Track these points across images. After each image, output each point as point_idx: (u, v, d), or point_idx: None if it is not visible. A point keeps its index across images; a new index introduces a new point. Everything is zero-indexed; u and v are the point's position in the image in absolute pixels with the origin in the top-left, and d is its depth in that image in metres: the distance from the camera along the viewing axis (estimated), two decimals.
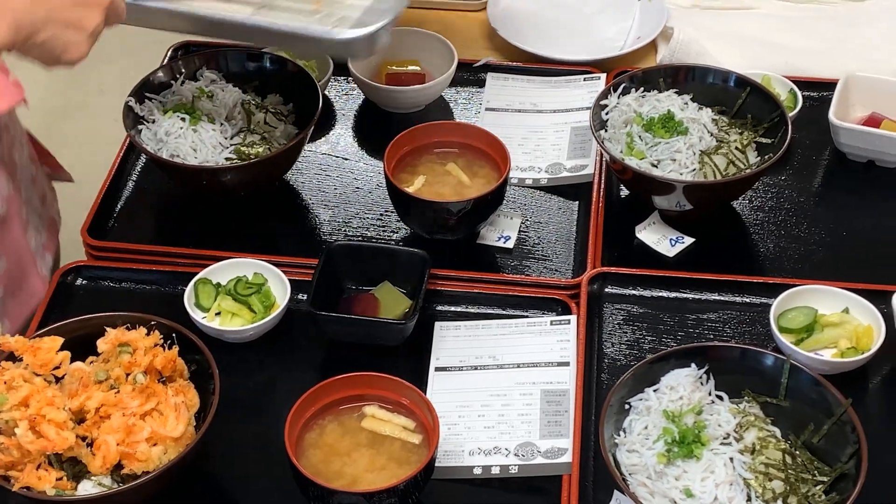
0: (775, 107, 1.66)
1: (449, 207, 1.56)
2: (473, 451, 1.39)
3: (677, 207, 1.62)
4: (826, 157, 1.78)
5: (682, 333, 1.51)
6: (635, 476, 1.26)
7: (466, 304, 1.56)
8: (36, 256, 1.64)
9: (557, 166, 1.75)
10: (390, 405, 1.35)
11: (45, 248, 1.67)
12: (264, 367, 1.49)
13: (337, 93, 1.90)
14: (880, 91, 1.77)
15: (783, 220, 1.68)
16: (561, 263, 1.62)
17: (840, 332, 1.45)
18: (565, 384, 1.45)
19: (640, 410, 1.32)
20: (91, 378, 1.31)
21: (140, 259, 1.60)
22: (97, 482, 1.26)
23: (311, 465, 1.29)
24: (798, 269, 1.60)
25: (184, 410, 1.29)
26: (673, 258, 1.62)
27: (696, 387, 1.32)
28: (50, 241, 1.69)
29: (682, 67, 1.73)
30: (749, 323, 1.52)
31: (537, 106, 1.87)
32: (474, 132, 1.67)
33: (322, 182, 1.74)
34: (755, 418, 1.29)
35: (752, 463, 1.24)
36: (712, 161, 1.61)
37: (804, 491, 1.23)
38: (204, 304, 1.51)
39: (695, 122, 1.64)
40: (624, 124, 1.67)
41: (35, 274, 1.63)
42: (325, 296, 1.50)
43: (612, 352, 1.50)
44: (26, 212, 1.62)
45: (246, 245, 1.60)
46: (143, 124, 1.65)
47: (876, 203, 1.71)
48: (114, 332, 1.35)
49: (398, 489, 1.24)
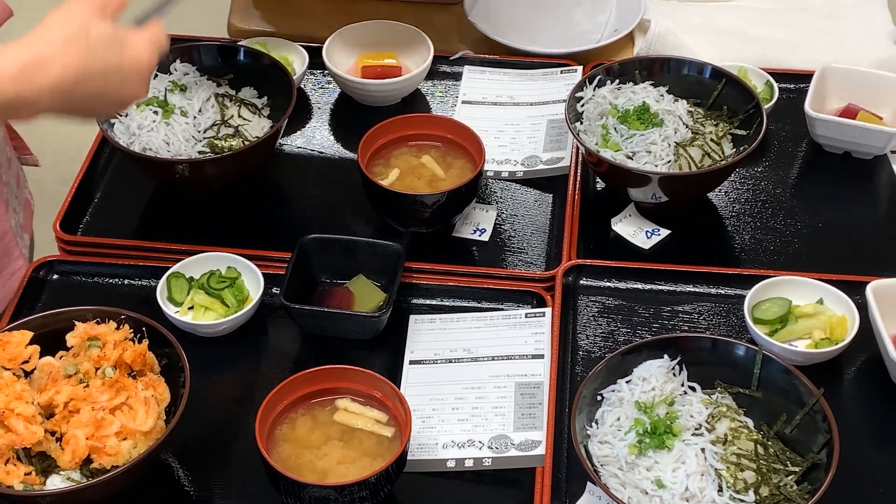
0: (751, 98, 1.65)
1: (423, 200, 1.56)
2: (447, 444, 1.39)
3: (653, 199, 1.62)
4: (803, 148, 1.78)
5: (656, 325, 1.51)
6: (607, 467, 1.25)
7: (441, 297, 1.56)
8: (16, 236, 1.63)
9: (533, 159, 1.75)
10: (363, 398, 1.34)
11: (24, 229, 1.67)
12: (237, 360, 1.49)
13: (313, 86, 1.89)
14: (856, 82, 1.77)
15: (759, 211, 1.68)
16: (536, 256, 1.61)
17: (814, 322, 1.45)
18: (539, 377, 1.45)
19: (613, 402, 1.31)
20: (60, 372, 1.30)
21: (113, 253, 1.59)
22: (66, 477, 1.25)
23: (283, 458, 1.28)
24: (774, 260, 1.60)
25: (153, 404, 1.28)
26: (649, 250, 1.62)
27: (669, 378, 1.32)
28: (27, 221, 1.69)
29: (657, 59, 1.73)
30: (724, 314, 1.52)
31: (514, 99, 1.86)
32: (449, 125, 1.66)
33: (297, 175, 1.73)
34: (727, 409, 1.29)
35: (723, 453, 1.24)
36: (687, 153, 1.60)
37: (776, 481, 1.23)
38: (177, 299, 1.51)
39: (670, 113, 1.64)
40: (599, 116, 1.67)
41: (18, 254, 1.63)
42: (298, 289, 1.50)
43: (587, 344, 1.49)
44: (6, 192, 1.61)
45: (219, 239, 1.59)
46: (115, 118, 1.64)
47: (852, 194, 1.71)
48: (83, 326, 1.34)
49: (369, 482, 1.24)
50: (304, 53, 1.85)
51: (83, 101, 1.21)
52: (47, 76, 1.16)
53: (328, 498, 1.24)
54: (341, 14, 1.99)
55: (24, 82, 1.14)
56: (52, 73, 1.16)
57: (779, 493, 1.22)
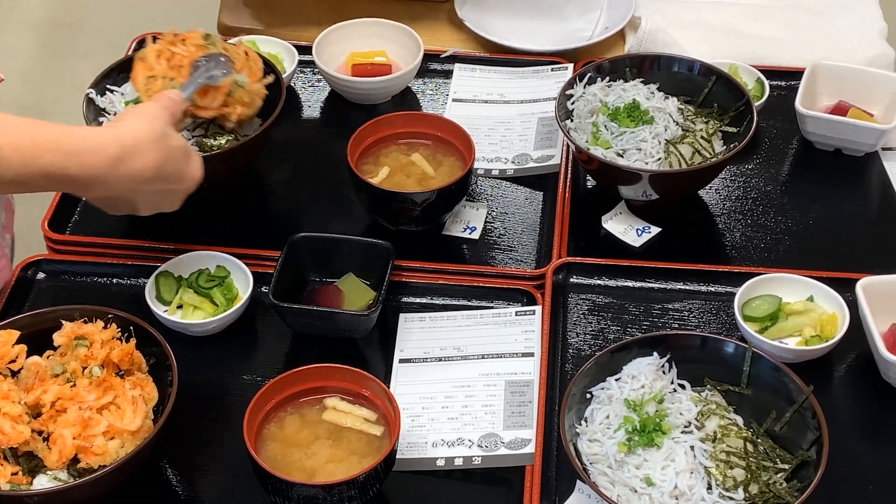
0: (741, 95, 1.65)
1: (413, 198, 1.55)
2: (437, 443, 1.38)
3: (643, 197, 1.62)
4: (794, 145, 1.78)
5: (647, 323, 1.51)
6: (596, 465, 1.25)
7: (431, 296, 1.55)
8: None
9: (524, 157, 1.75)
10: (352, 397, 1.34)
11: (5, 228, 1.66)
12: (227, 359, 1.48)
13: (303, 84, 1.89)
14: (847, 80, 1.77)
15: (750, 209, 1.67)
16: (527, 254, 1.61)
17: (804, 320, 1.45)
18: (530, 375, 1.44)
19: (602, 400, 1.31)
20: (47, 372, 1.30)
21: (101, 252, 1.59)
22: (53, 477, 1.25)
23: (271, 457, 1.28)
24: (765, 257, 1.60)
25: (141, 404, 1.28)
26: (639, 248, 1.61)
27: (658, 375, 1.32)
28: (8, 221, 1.68)
29: (647, 57, 1.73)
30: (714, 312, 1.52)
31: (504, 97, 1.86)
32: (439, 123, 1.66)
33: (286, 173, 1.73)
34: (717, 406, 1.29)
35: (713, 451, 1.24)
36: (678, 150, 1.60)
37: (765, 479, 1.23)
38: (166, 298, 1.50)
39: (661, 111, 1.64)
40: (590, 114, 1.67)
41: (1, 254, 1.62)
42: (288, 288, 1.49)
43: (577, 342, 1.49)
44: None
45: (209, 237, 1.59)
46: (104, 116, 1.64)
47: (843, 191, 1.71)
48: (70, 325, 1.34)
49: (358, 481, 1.23)
50: (294, 51, 1.85)
51: (143, 195, 1.33)
52: (133, 165, 1.28)
53: (316, 497, 1.23)
54: (331, 12, 1.99)
55: (120, 164, 1.26)
56: (138, 163, 1.29)
57: (768, 491, 1.22)
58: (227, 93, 1.57)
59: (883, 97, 1.75)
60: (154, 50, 1.60)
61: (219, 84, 1.55)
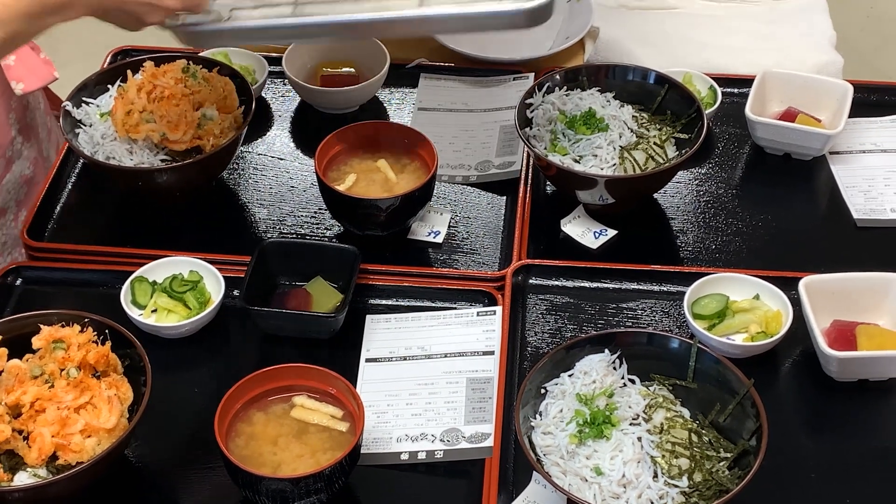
0: (692, 103, 1.72)
1: (378, 204, 1.62)
2: (401, 438, 1.44)
3: (600, 201, 1.68)
4: (745, 150, 1.84)
5: (602, 321, 1.58)
6: (549, 457, 1.32)
7: (397, 298, 1.61)
8: None
9: (486, 163, 1.81)
10: (318, 395, 1.40)
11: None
12: (200, 361, 1.54)
13: (273, 94, 1.95)
14: (796, 87, 1.84)
15: (702, 211, 1.74)
16: (489, 257, 1.68)
17: (750, 317, 1.52)
18: (490, 372, 1.51)
19: (556, 394, 1.37)
20: (27, 374, 1.35)
21: (79, 259, 1.65)
22: (33, 473, 1.30)
23: (241, 453, 1.34)
24: (716, 258, 1.67)
25: (116, 403, 1.34)
26: (597, 250, 1.68)
27: (609, 371, 1.38)
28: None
29: (603, 66, 1.80)
30: (666, 310, 1.59)
31: (468, 105, 1.92)
32: (403, 131, 1.72)
33: (257, 181, 1.79)
34: (664, 400, 1.36)
35: (659, 441, 1.30)
36: (632, 156, 1.67)
37: (709, 467, 1.29)
38: (141, 302, 1.56)
39: (616, 118, 1.71)
40: (548, 122, 1.73)
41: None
42: (258, 291, 1.55)
43: (535, 340, 1.56)
44: None
45: (182, 244, 1.65)
46: (80, 128, 1.70)
47: (791, 194, 1.78)
48: (48, 329, 1.39)
49: (324, 474, 1.29)
50: (265, 63, 1.91)
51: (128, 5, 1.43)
52: None
53: (284, 490, 1.30)
54: None
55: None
56: None
57: (711, 479, 1.28)
58: (196, 125, 1.63)
59: (830, 103, 1.82)
60: (135, 84, 1.66)
61: (188, 119, 1.61)
